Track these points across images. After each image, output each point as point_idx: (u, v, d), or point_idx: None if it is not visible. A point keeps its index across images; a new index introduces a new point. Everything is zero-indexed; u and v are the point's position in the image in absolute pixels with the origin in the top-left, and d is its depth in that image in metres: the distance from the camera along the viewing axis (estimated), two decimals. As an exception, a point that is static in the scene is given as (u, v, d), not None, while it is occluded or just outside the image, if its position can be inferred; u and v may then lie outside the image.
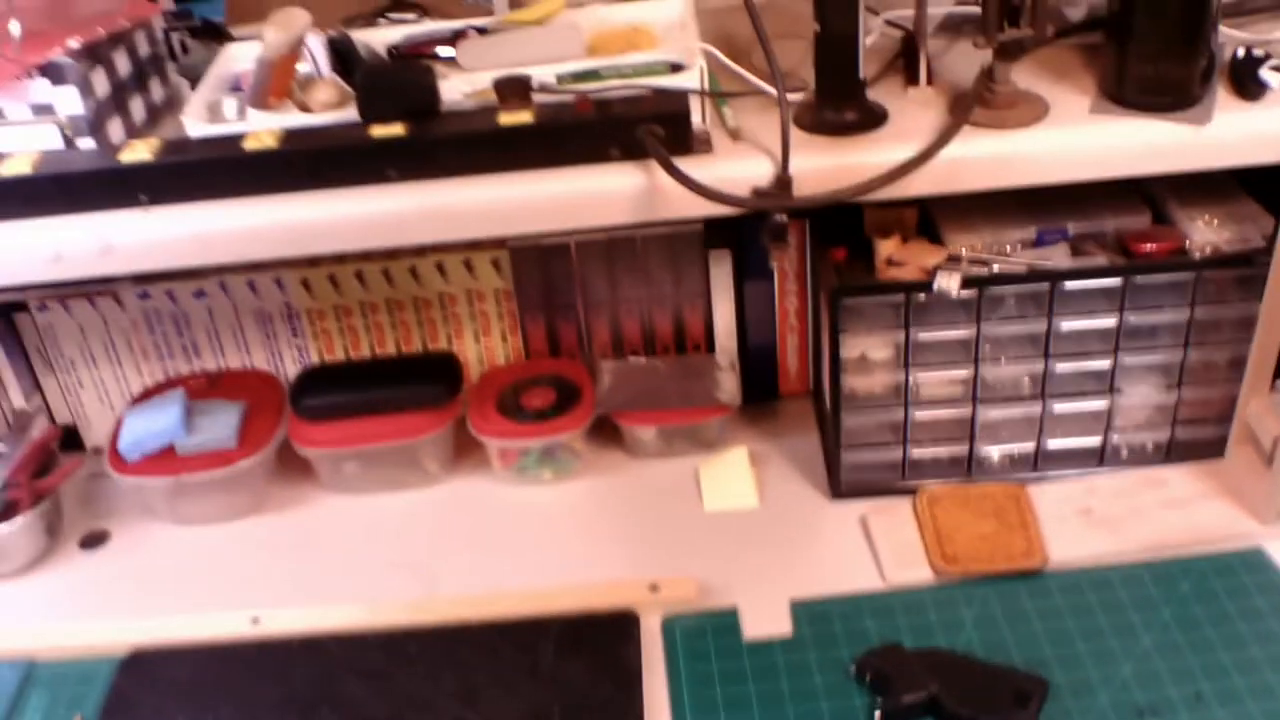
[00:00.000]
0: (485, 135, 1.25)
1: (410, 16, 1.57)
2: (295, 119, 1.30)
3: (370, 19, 1.59)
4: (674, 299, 1.60)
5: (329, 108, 1.31)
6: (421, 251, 1.57)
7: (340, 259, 1.57)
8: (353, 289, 1.59)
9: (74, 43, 1.31)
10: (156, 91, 1.46)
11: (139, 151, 1.27)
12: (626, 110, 1.25)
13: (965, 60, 1.39)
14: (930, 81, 1.35)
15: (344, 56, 1.36)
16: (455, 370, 1.57)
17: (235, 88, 1.40)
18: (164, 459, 1.54)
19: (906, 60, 1.38)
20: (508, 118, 1.25)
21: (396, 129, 1.25)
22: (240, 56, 1.44)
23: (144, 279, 1.58)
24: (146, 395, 1.63)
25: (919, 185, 1.25)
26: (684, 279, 1.58)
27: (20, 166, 1.28)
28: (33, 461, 1.58)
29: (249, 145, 1.26)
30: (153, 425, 1.54)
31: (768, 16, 1.25)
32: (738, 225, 1.52)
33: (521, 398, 1.57)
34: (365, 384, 1.56)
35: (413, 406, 1.54)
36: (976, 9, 1.38)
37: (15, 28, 1.28)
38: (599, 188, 1.25)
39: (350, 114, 1.30)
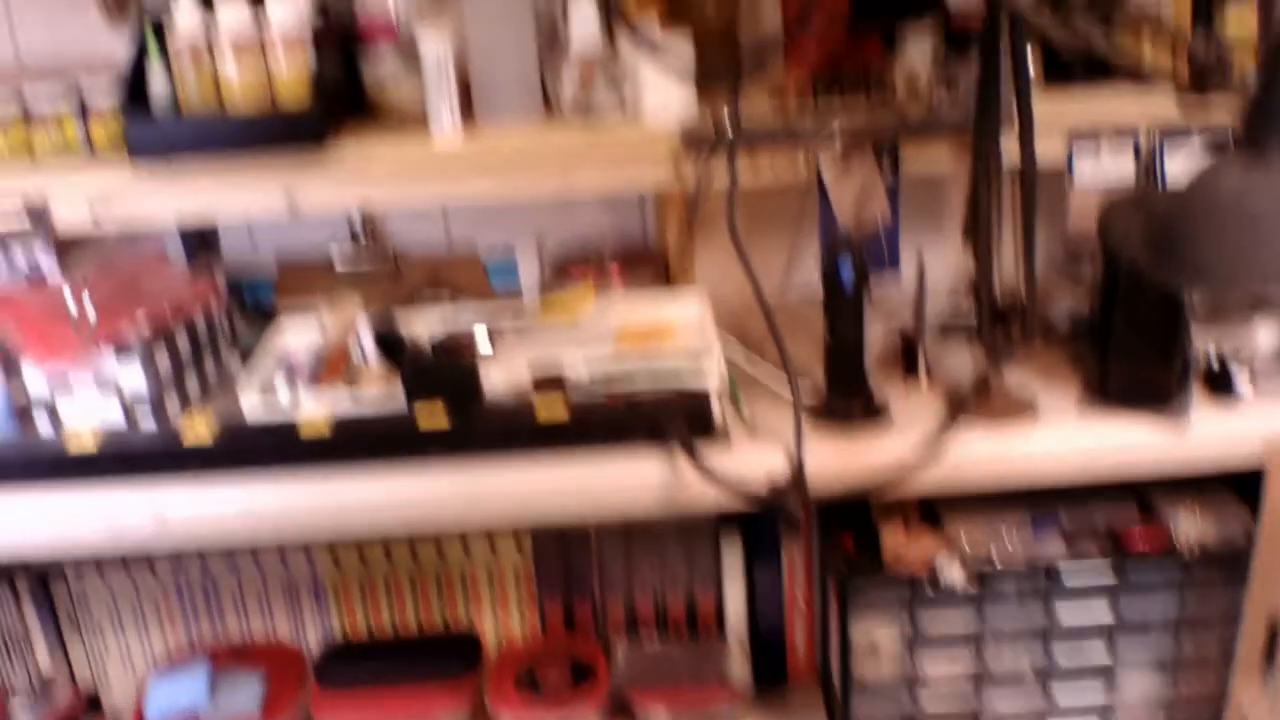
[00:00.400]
0: (523, 428, 1.35)
1: (446, 303, 1.69)
2: (346, 404, 1.40)
3: (408, 299, 1.71)
4: (686, 580, 1.67)
5: (376, 390, 1.41)
6: (446, 530, 1.64)
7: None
8: (379, 564, 1.66)
9: (142, 321, 1.43)
10: (210, 367, 1.57)
11: (199, 431, 1.37)
12: (652, 406, 1.36)
13: (959, 358, 1.52)
14: (930, 379, 1.47)
15: (389, 342, 1.47)
16: (475, 649, 1.62)
17: (287, 366, 1.51)
18: (185, 728, 1.57)
19: (906, 357, 1.51)
20: (545, 412, 1.35)
21: (441, 420, 1.35)
22: (290, 336, 1.55)
23: (180, 552, 1.65)
24: (171, 662, 1.67)
25: (924, 484, 1.34)
26: (696, 560, 1.66)
27: (86, 445, 1.38)
28: (55, 725, 1.61)
29: (303, 432, 1.36)
30: (178, 695, 1.58)
31: (785, 316, 1.37)
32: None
33: (539, 675, 1.61)
34: (388, 660, 1.61)
35: (433, 682, 1.58)
36: (969, 318, 1.53)
37: (87, 307, 1.39)
38: (627, 480, 1.34)
39: (397, 397, 1.40)
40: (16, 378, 1.47)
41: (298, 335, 1.55)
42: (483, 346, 1.47)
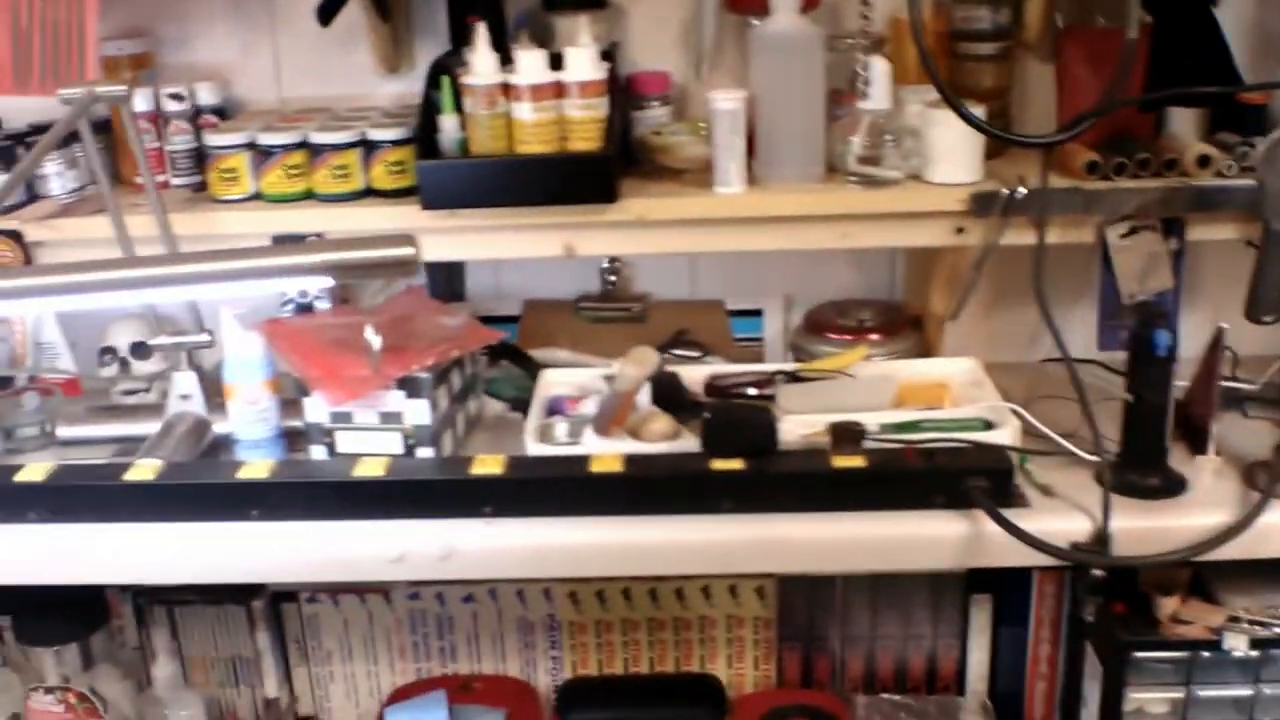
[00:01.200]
0: (819, 475, 1.34)
1: (693, 353, 1.69)
2: (631, 446, 1.39)
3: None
4: (930, 638, 1.65)
5: (662, 439, 1.40)
6: (689, 575, 1.63)
7: (610, 575, 1.63)
8: (618, 605, 1.65)
9: (428, 361, 1.42)
10: (472, 407, 1.57)
11: (489, 466, 1.36)
12: (951, 462, 1.34)
13: (1241, 430, 1.49)
14: (1217, 451, 1.44)
15: (667, 391, 1.46)
16: (719, 694, 1.60)
17: (554, 410, 1.50)
18: (430, 763, 1.56)
19: (1185, 430, 1.48)
20: (841, 461, 1.34)
21: (736, 463, 1.34)
22: (556, 383, 1.55)
23: (417, 582, 1.64)
24: (401, 695, 1.66)
25: (1227, 551, 1.32)
26: (942, 619, 1.64)
27: (374, 470, 1.37)
28: (290, 754, 1.60)
29: (595, 468, 1.35)
30: (421, 727, 1.57)
31: (1039, 378, 1.36)
32: (1001, 572, 1.58)
33: (782, 726, 1.59)
34: (630, 701, 1.59)
35: (677, 728, 1.57)
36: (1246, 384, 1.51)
37: (375, 343, 1.39)
38: (923, 533, 1.33)
39: (680, 445, 1.39)
40: (293, 406, 1.48)
41: (565, 382, 1.54)
42: (779, 399, 1.45)
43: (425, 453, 1.43)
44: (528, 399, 1.60)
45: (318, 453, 1.46)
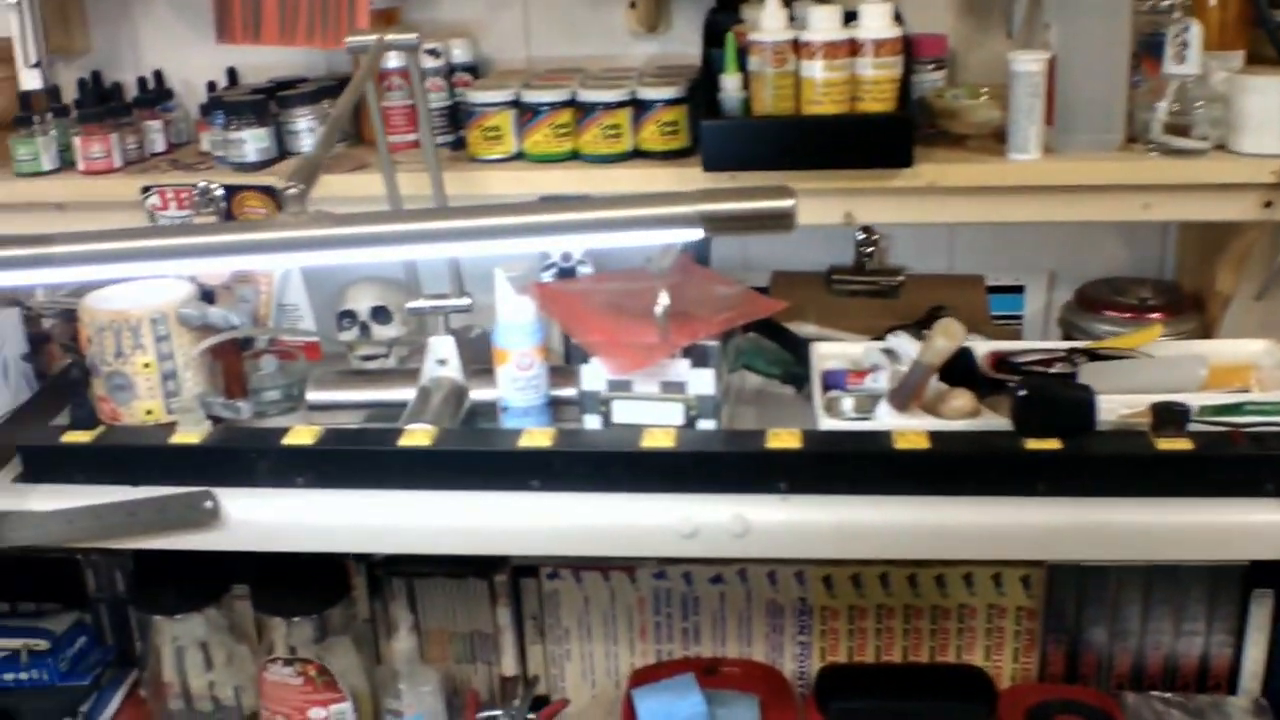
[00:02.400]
0: (1141, 458, 1.26)
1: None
2: (931, 423, 1.32)
3: (905, 322, 1.63)
4: (1204, 634, 1.56)
5: (963, 416, 1.33)
6: (951, 561, 1.56)
7: (866, 560, 1.57)
8: (874, 591, 1.58)
9: (714, 329, 1.36)
10: (735, 380, 1.51)
11: (785, 440, 1.30)
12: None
13: None
14: None
15: (959, 367, 1.39)
16: (988, 687, 1.53)
17: (830, 385, 1.43)
18: (685, 747, 1.50)
19: None
20: (1165, 443, 1.26)
21: (1052, 443, 1.26)
22: (829, 356, 1.48)
23: (665, 560, 1.58)
24: (643, 676, 1.60)
25: None
26: (1218, 614, 1.55)
27: (663, 441, 1.31)
28: (539, 735, 1.55)
29: (899, 444, 1.28)
30: (676, 711, 1.51)
31: None
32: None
33: (1050, 721, 1.52)
34: (894, 691, 1.53)
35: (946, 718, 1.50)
36: None
37: (664, 308, 1.32)
38: (1249, 521, 1.25)
39: (981, 423, 1.32)
40: (566, 373, 1.42)
41: (839, 355, 1.48)
42: (1081, 378, 1.38)
43: (707, 424, 1.37)
44: (783, 372, 1.54)
45: (591, 422, 1.40)
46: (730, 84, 1.40)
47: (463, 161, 1.51)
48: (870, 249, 1.64)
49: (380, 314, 1.63)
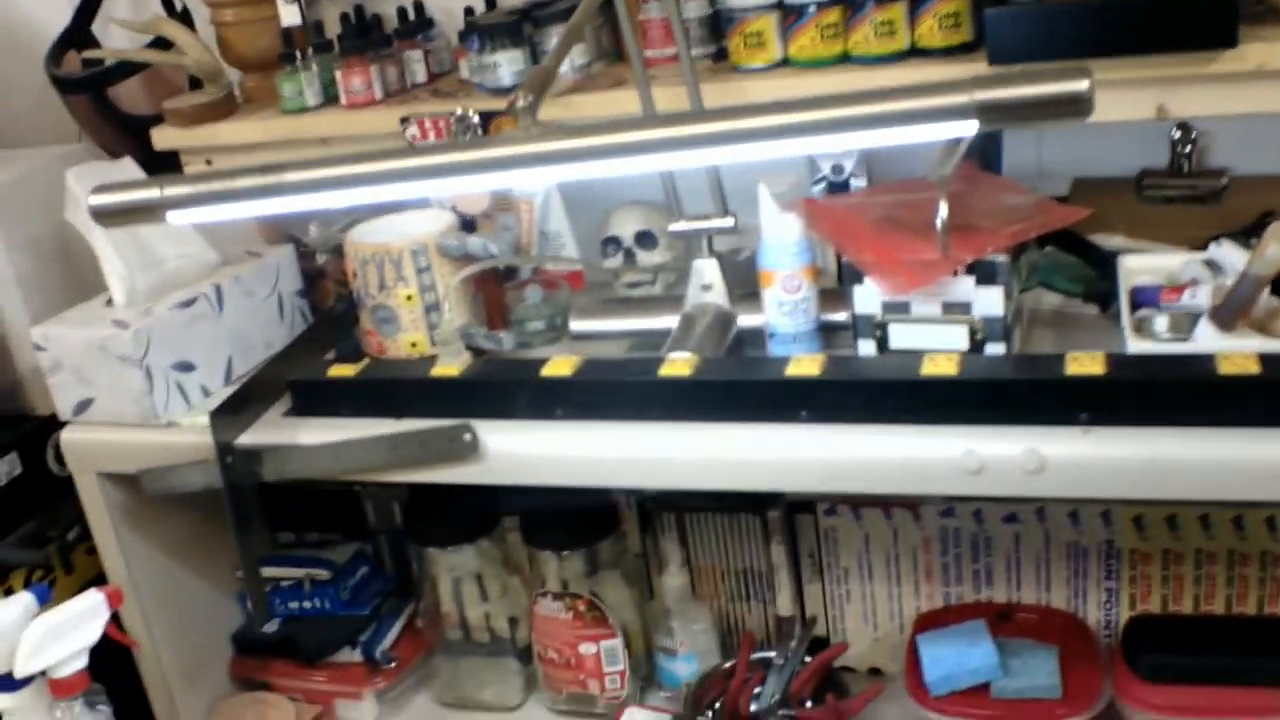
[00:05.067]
0: None
1: None
2: (1261, 343, 1.14)
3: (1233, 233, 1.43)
4: None
5: (1299, 334, 1.15)
6: (1283, 500, 1.37)
7: (1183, 500, 1.39)
8: (1192, 534, 1.40)
9: (1002, 243, 1.22)
10: (1029, 299, 1.36)
11: (1086, 365, 1.15)
12: None
13: None
14: None
15: None
16: (1331, 644, 1.34)
17: (1140, 303, 1.26)
18: (975, 699, 1.38)
19: None
20: None
21: None
22: (1139, 270, 1.31)
23: (953, 497, 1.46)
24: (930, 621, 1.48)
25: None
26: None
27: (945, 368, 1.19)
28: (816, 678, 1.46)
29: (1224, 368, 1.11)
30: (966, 660, 1.39)
31: None
32: None
33: (1407, 686, 1.31)
34: (1214, 646, 1.36)
35: (1276, 683, 1.32)
36: None
37: (941, 222, 1.19)
38: None
39: (1323, 344, 1.13)
40: (837, 296, 1.32)
41: (1151, 269, 1.30)
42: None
43: (995, 349, 1.23)
44: (1085, 290, 1.38)
45: (865, 348, 1.28)
46: (1021, -34, 1.24)
47: (725, 72, 1.40)
48: (1188, 148, 1.44)
49: (645, 239, 1.55)
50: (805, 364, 1.23)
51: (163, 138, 1.61)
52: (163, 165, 1.61)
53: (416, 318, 1.43)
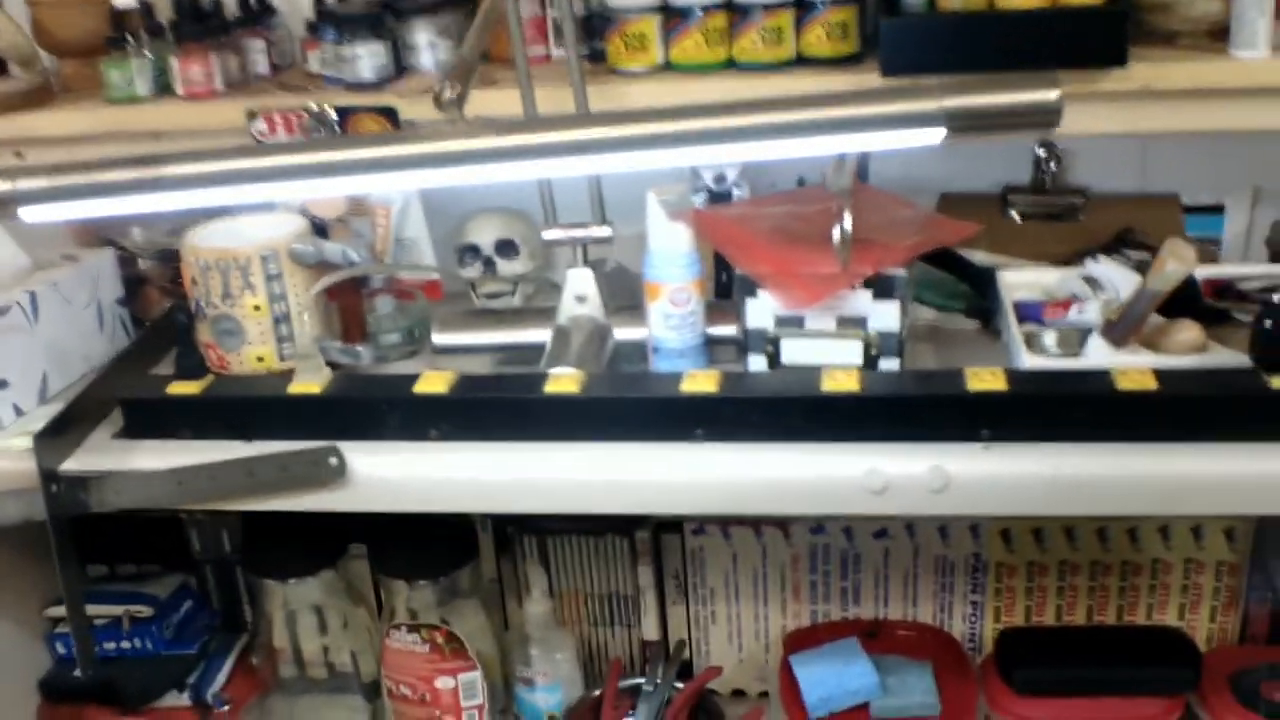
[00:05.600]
0: None
1: (1140, 255, 1.44)
2: (1151, 360, 1.16)
3: (1091, 249, 1.47)
4: None
5: (1191, 350, 1.17)
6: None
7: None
8: (1058, 546, 1.42)
9: (900, 257, 1.20)
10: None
11: (987, 381, 1.14)
12: None
13: None
14: None
15: (1180, 296, 1.22)
16: (1192, 651, 1.37)
17: (1024, 318, 1.27)
18: (854, 720, 1.36)
19: None
20: None
21: (1294, 385, 1.10)
22: (1018, 285, 1.32)
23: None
24: (799, 640, 1.46)
25: None
26: None
27: (847, 384, 1.16)
28: (689, 704, 1.41)
29: (1122, 384, 1.12)
30: (844, 680, 1.37)
31: None
32: None
33: (1261, 688, 1.36)
34: (1086, 656, 1.37)
35: (1145, 691, 1.34)
36: None
37: (846, 233, 1.16)
38: None
39: (1210, 359, 1.16)
40: (719, 310, 1.27)
41: (1029, 284, 1.31)
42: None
43: (889, 364, 1.22)
44: (965, 306, 1.38)
45: (756, 364, 1.25)
46: (910, -24, 1.23)
47: (602, 74, 1.35)
48: (1052, 165, 1.47)
49: (505, 248, 1.47)
50: (700, 380, 1.18)
51: (-35, 126, 1.44)
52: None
53: (265, 330, 1.32)
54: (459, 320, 1.40)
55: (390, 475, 1.20)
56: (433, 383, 1.22)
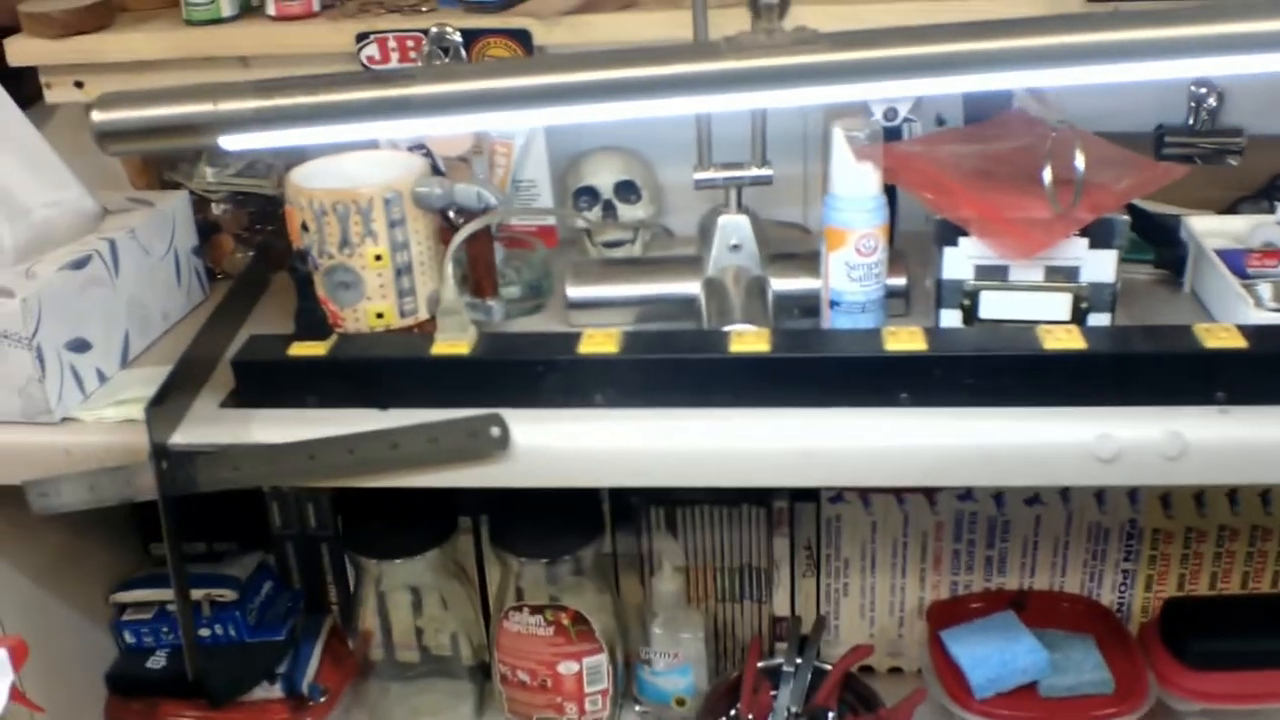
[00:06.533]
0: None
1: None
2: (1390, 313, 1.08)
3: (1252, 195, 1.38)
4: None
5: None
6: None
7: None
8: (1218, 510, 1.34)
9: (1120, 200, 1.09)
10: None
11: (1221, 338, 1.04)
12: None
13: None
14: None
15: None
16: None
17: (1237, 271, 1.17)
18: (1022, 700, 1.27)
19: None
20: None
21: None
22: (1208, 234, 1.22)
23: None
24: (944, 613, 1.36)
25: None
26: None
27: (1069, 342, 1.05)
28: (839, 684, 1.31)
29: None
30: (1012, 659, 1.28)
31: None
32: None
33: None
34: (1259, 628, 1.30)
35: (1326, 659, 1.27)
36: None
37: (1062, 176, 1.06)
38: None
39: None
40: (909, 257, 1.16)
41: (1222, 233, 1.22)
42: None
43: (1099, 319, 1.11)
44: (1149, 256, 1.27)
45: (948, 318, 1.14)
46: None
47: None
48: (1213, 102, 1.37)
49: (626, 190, 1.34)
50: (905, 338, 1.07)
51: (21, 50, 1.25)
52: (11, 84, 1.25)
53: (386, 283, 1.17)
54: (594, 271, 1.26)
55: (552, 446, 1.07)
56: (599, 342, 1.09)
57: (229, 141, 0.72)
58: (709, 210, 1.27)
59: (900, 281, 1.19)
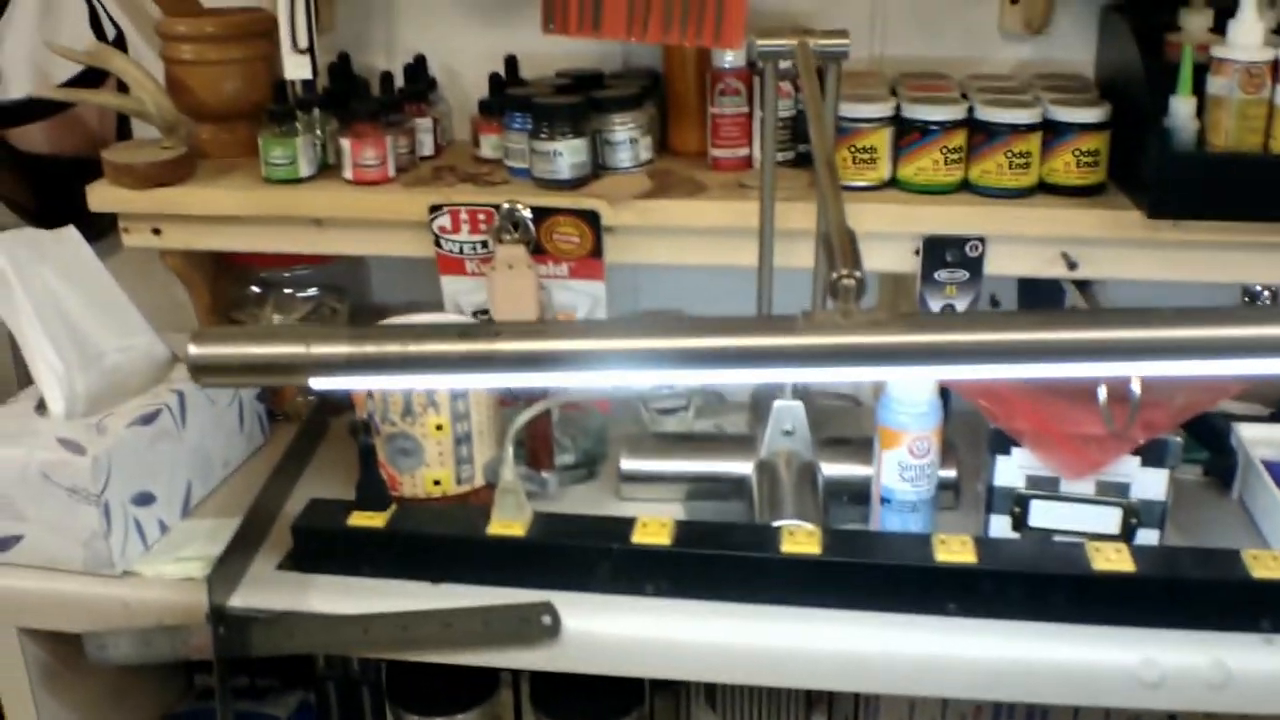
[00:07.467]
0: None
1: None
2: None
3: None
4: None
5: None
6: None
7: None
8: None
9: (1179, 418, 1.10)
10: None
11: (1269, 568, 1.05)
12: None
13: None
14: None
15: None
16: None
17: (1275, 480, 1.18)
18: None
19: None
20: None
21: None
22: (1257, 442, 1.23)
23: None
24: (978, 795, 1.36)
25: None
26: None
27: (1119, 563, 1.06)
28: None
29: None
30: None
31: None
32: None
33: None
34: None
35: None
36: None
37: (1117, 394, 1.07)
38: None
39: None
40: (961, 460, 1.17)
41: (1271, 441, 1.23)
42: None
43: (1148, 536, 1.12)
44: (1206, 463, 1.28)
45: (998, 524, 1.15)
46: (1184, 110, 1.13)
47: (810, 186, 1.24)
48: (1264, 302, 1.39)
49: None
50: (955, 548, 1.08)
51: (102, 198, 1.28)
52: (86, 224, 1.28)
53: (445, 451, 1.19)
54: (648, 445, 1.28)
55: (602, 633, 1.09)
56: (653, 532, 1.11)
57: (319, 383, 0.74)
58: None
59: (951, 474, 1.20)
